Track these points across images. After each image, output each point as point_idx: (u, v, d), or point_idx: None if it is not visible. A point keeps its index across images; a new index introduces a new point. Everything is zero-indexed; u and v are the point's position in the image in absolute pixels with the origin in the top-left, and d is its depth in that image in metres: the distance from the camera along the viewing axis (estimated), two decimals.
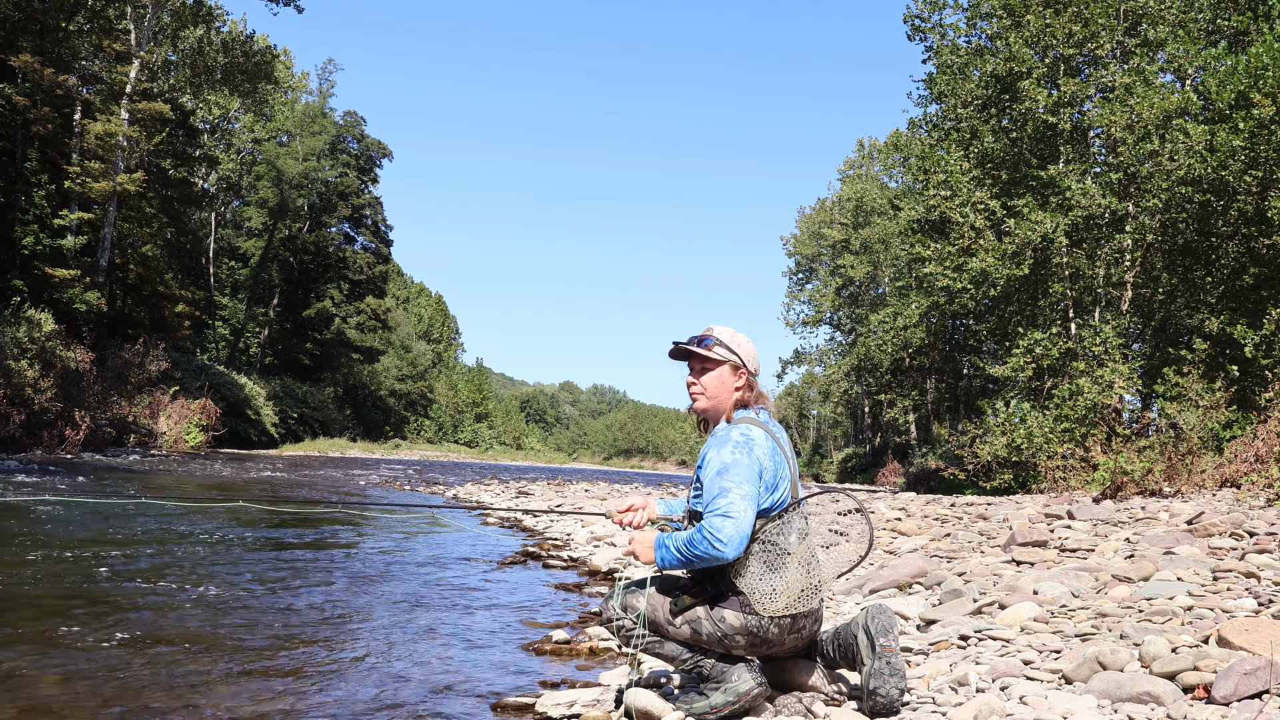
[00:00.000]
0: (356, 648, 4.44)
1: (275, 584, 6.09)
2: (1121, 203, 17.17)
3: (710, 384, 3.24)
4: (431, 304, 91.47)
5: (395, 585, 6.35)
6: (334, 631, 4.78)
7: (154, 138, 31.41)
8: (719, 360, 3.23)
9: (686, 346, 3.26)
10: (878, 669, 3.02)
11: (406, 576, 6.78)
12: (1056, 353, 17.09)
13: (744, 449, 3.06)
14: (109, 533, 8.05)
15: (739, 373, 3.23)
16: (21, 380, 21.60)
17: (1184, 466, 10.05)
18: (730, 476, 3.01)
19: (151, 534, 8.18)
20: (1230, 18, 17.42)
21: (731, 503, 2.98)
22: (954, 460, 27.06)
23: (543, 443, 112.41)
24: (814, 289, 52.77)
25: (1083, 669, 3.21)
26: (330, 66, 67.10)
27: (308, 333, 56.68)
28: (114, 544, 7.34)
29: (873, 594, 5.41)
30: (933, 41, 22.90)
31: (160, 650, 4.13)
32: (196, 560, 6.90)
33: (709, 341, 3.25)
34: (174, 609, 5.06)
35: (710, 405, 3.25)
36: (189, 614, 4.95)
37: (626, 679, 3.40)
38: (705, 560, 3.00)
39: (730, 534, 2.95)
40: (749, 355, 3.26)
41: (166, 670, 3.82)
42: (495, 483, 22.31)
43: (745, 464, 3.03)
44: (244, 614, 5.04)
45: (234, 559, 7.16)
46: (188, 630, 4.57)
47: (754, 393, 3.25)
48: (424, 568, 7.29)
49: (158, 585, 5.71)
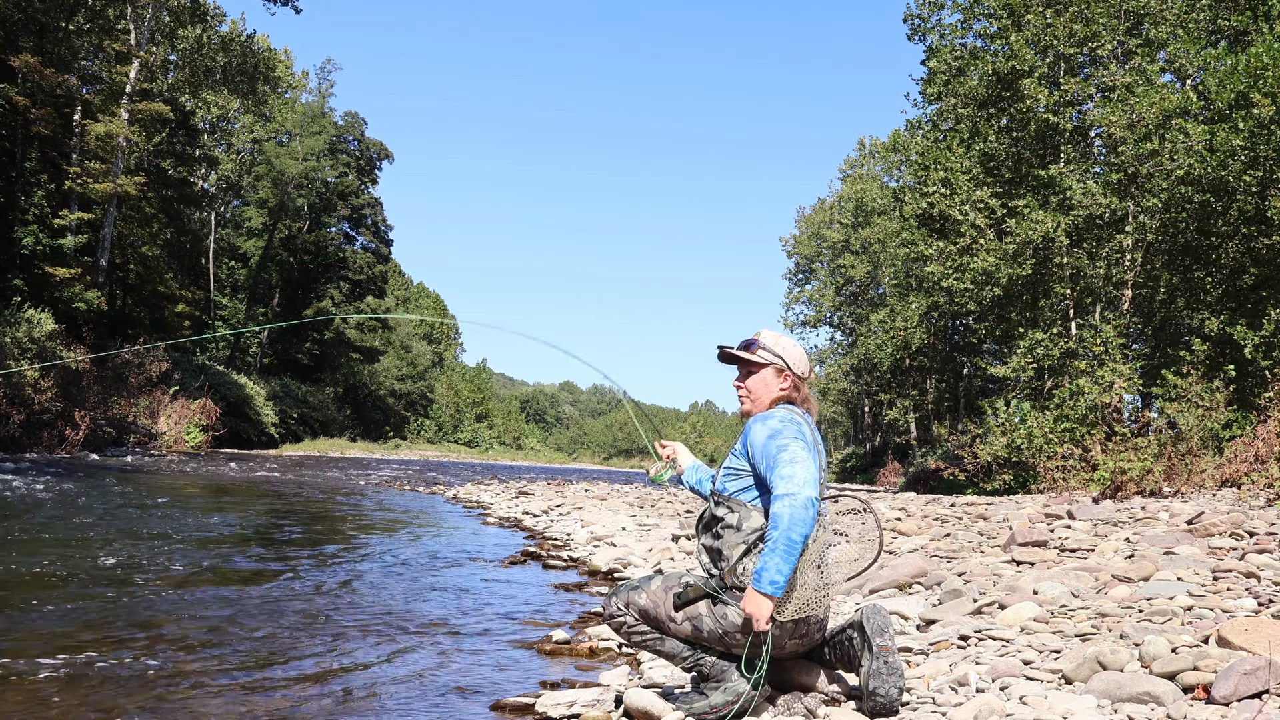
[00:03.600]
0: (355, 648, 4.44)
1: (274, 583, 6.09)
2: (1122, 202, 17.16)
3: (755, 387, 3.25)
4: (431, 304, 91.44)
5: (395, 585, 6.35)
6: (333, 631, 4.78)
7: (154, 138, 31.40)
8: (763, 363, 3.24)
9: (732, 351, 3.28)
10: (876, 669, 3.02)
11: (406, 576, 6.77)
12: (1057, 353, 17.09)
13: (790, 422, 3.09)
14: (109, 531, 8.05)
15: (784, 375, 3.24)
16: (21, 380, 21.59)
17: (1184, 466, 10.06)
18: (781, 438, 3.02)
19: (146, 531, 8.17)
20: (1230, 18, 17.42)
21: (794, 454, 2.95)
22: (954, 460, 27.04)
23: (543, 443, 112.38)
24: (814, 289, 52.75)
25: (1083, 669, 3.21)
26: (329, 66, 66.87)
27: (308, 333, 56.68)
28: (112, 542, 7.34)
29: (873, 594, 5.41)
30: (932, 42, 22.91)
31: (155, 650, 4.13)
32: (195, 560, 6.90)
33: (754, 345, 3.27)
34: (170, 609, 5.06)
35: (756, 408, 3.25)
36: (185, 614, 4.95)
37: (626, 679, 3.40)
38: (806, 524, 2.86)
39: (799, 479, 2.89)
40: (795, 358, 3.25)
41: (161, 671, 3.82)
42: (495, 483, 22.30)
43: (794, 431, 3.05)
44: (241, 613, 5.03)
45: (232, 558, 7.16)
46: (183, 630, 4.56)
47: (800, 394, 3.26)
48: (424, 567, 7.28)
49: (154, 584, 5.71)
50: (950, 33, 22.01)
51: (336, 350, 58.97)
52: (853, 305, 48.93)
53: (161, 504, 11.11)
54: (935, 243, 19.48)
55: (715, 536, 3.13)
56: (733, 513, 3.10)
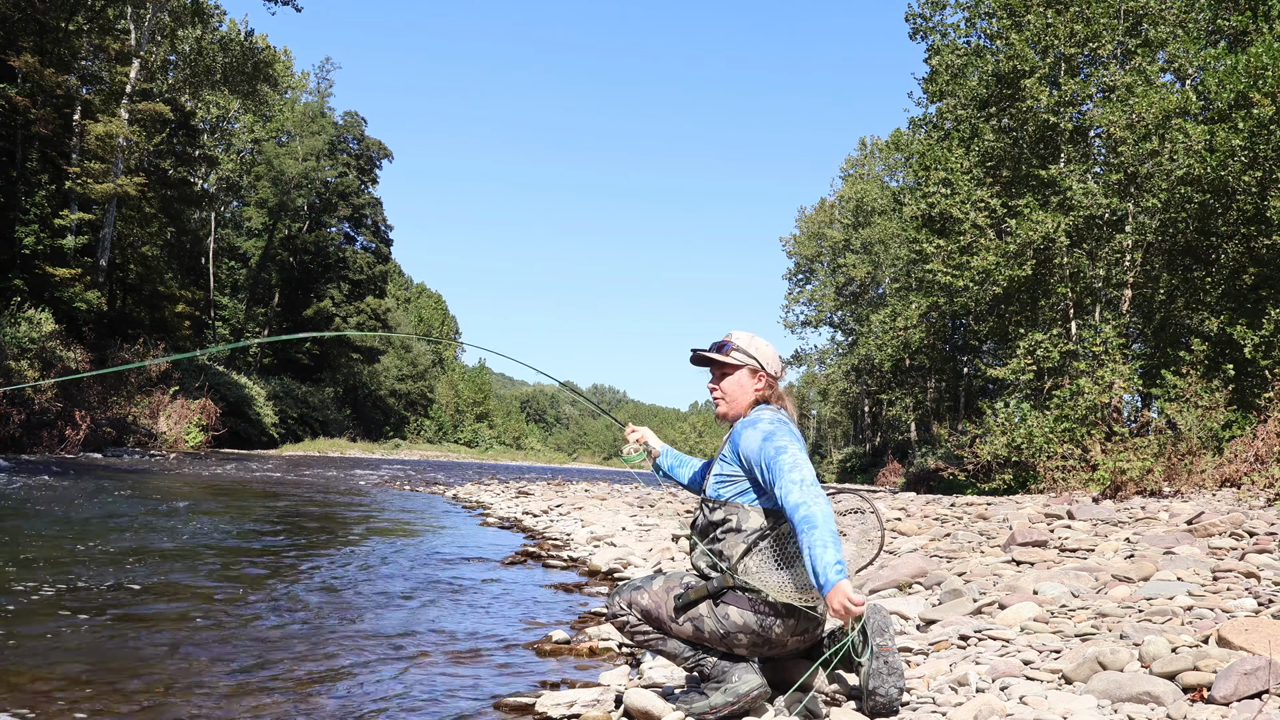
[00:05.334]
0: (355, 648, 4.44)
1: (273, 583, 6.09)
2: (1122, 203, 17.17)
3: (730, 389, 3.24)
4: (432, 304, 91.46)
5: (395, 584, 6.35)
6: (333, 631, 4.78)
7: (154, 138, 31.39)
8: (737, 365, 3.23)
9: (705, 353, 3.27)
10: (876, 669, 3.02)
11: (406, 576, 6.77)
12: (1057, 354, 17.09)
13: (779, 423, 3.10)
14: (109, 529, 8.05)
15: (758, 375, 3.24)
16: (22, 380, 21.60)
17: (1184, 466, 10.06)
18: (776, 440, 3.02)
19: (149, 531, 8.18)
20: (1230, 18, 17.42)
21: (795, 457, 2.96)
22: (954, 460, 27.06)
23: (543, 443, 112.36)
24: (814, 289, 52.74)
25: (1083, 669, 3.21)
26: (329, 66, 66.86)
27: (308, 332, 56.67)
28: (109, 540, 7.34)
29: (873, 594, 5.41)
30: (934, 41, 22.92)
31: (154, 650, 4.13)
32: (193, 559, 6.90)
33: (727, 347, 3.25)
34: (169, 608, 5.06)
35: (732, 410, 3.25)
36: (183, 614, 4.95)
37: (626, 679, 3.40)
38: (833, 517, 2.85)
39: (811, 476, 2.93)
40: (768, 358, 3.25)
41: (160, 670, 3.82)
42: (495, 483, 22.31)
43: (785, 429, 3.07)
44: (239, 613, 5.03)
45: (230, 558, 7.16)
46: (181, 630, 4.57)
47: (774, 393, 3.26)
48: (424, 567, 7.28)
49: (149, 584, 5.71)
50: (952, 32, 22.02)
51: (336, 350, 58.95)
52: (853, 305, 48.93)
53: (161, 504, 11.11)
54: (936, 241, 19.48)
55: (715, 540, 3.13)
56: (732, 516, 3.10)
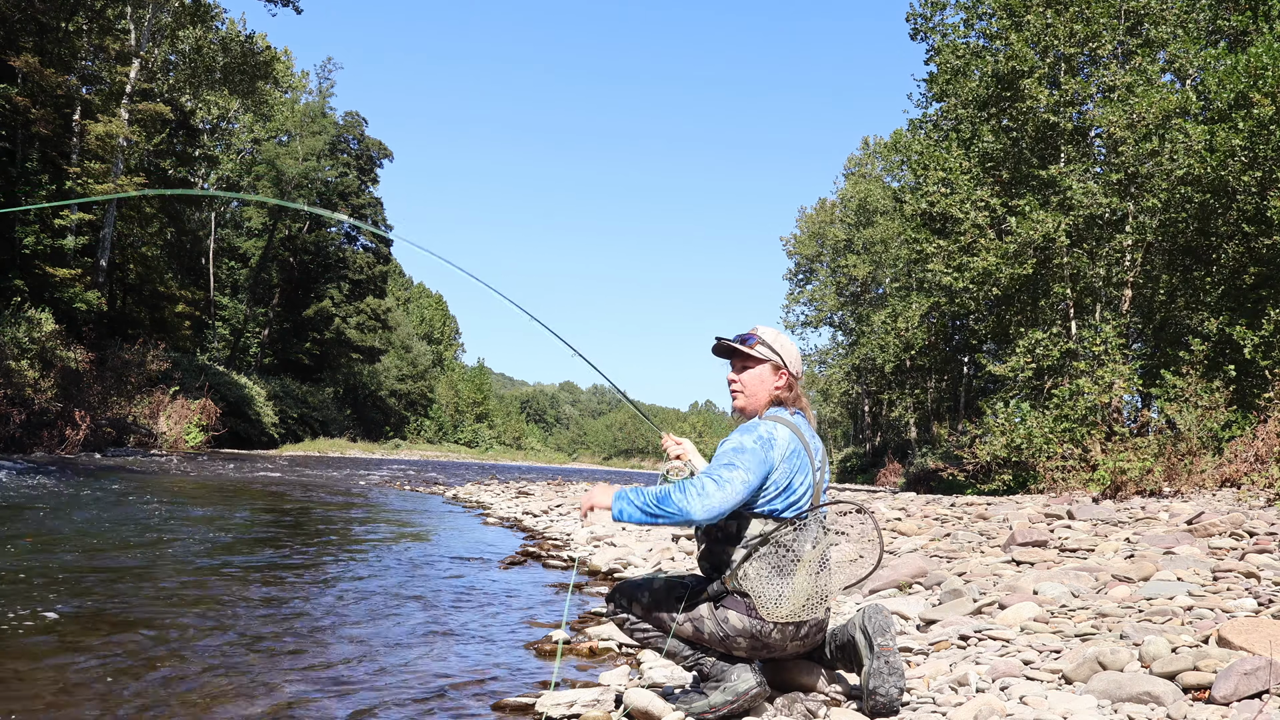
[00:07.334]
0: (355, 647, 4.44)
1: (272, 583, 6.09)
2: (1122, 202, 17.17)
3: (750, 382, 3.22)
4: (432, 304, 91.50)
5: (395, 584, 6.35)
6: (333, 631, 4.78)
7: (154, 138, 31.39)
8: (760, 359, 3.21)
9: (730, 343, 3.25)
10: (876, 669, 3.02)
11: (406, 576, 6.77)
12: (1057, 353, 17.10)
13: (764, 445, 3.04)
14: (109, 529, 8.05)
15: (779, 373, 3.22)
16: (22, 380, 21.60)
17: (1183, 466, 10.06)
18: (743, 458, 2.99)
19: (149, 531, 8.18)
20: (1230, 18, 17.42)
21: (731, 478, 2.94)
22: (954, 460, 27.07)
23: (543, 443, 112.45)
24: (814, 289, 52.72)
25: (1083, 669, 3.21)
26: (330, 65, 66.97)
27: (308, 333, 56.68)
28: (108, 540, 7.34)
29: (872, 594, 5.41)
30: (934, 41, 22.92)
31: (154, 650, 4.13)
32: (192, 559, 6.90)
33: (752, 340, 3.23)
34: (168, 608, 5.06)
35: (749, 404, 3.23)
36: (183, 613, 4.95)
37: (626, 679, 3.40)
38: (671, 517, 2.92)
39: (714, 501, 2.90)
40: (791, 357, 3.23)
41: (160, 670, 3.82)
42: (495, 483, 22.31)
43: (760, 457, 3.01)
44: (238, 612, 5.04)
45: (229, 558, 7.16)
46: (181, 630, 4.57)
47: (793, 394, 3.23)
48: (423, 567, 7.28)
49: (151, 584, 5.71)
50: (952, 33, 22.02)
51: (336, 350, 58.98)
52: (854, 305, 48.92)
53: (161, 504, 11.11)
54: (936, 241, 19.48)
55: (715, 544, 3.13)
56: (730, 521, 3.09)
